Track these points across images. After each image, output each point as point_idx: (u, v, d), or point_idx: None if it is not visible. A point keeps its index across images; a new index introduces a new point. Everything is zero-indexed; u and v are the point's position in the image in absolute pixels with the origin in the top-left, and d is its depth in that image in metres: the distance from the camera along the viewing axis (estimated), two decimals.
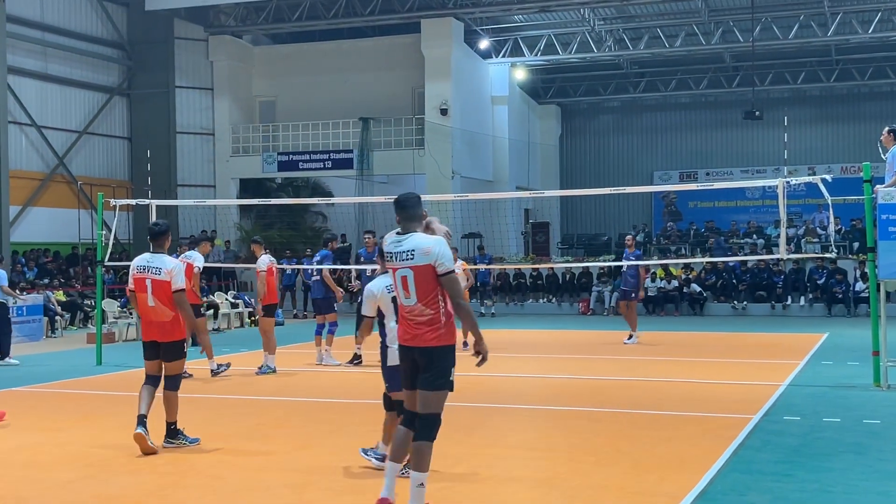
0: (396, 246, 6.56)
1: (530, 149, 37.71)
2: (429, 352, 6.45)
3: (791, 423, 10.12)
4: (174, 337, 9.16)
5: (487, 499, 7.20)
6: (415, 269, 6.45)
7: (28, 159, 28.62)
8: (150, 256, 9.26)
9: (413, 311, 6.50)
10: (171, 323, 9.12)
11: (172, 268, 9.12)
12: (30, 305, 21.45)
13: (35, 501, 7.28)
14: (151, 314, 9.16)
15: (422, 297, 6.46)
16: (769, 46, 32.98)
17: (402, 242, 6.55)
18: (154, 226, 9.46)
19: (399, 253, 6.53)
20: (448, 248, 6.44)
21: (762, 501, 7.02)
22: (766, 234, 31.60)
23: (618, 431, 9.62)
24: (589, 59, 35.15)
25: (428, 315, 6.46)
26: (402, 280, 6.53)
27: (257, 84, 34.86)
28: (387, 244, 6.64)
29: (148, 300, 9.12)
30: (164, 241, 9.37)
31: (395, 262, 6.56)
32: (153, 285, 9.09)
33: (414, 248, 6.48)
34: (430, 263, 6.42)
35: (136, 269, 9.28)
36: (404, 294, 6.54)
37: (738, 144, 38.97)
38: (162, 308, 9.09)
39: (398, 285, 6.58)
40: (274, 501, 7.23)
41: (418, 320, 6.48)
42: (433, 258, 6.41)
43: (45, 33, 29.25)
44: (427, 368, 6.45)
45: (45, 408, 11.81)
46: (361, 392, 12.90)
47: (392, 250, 6.57)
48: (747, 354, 17.45)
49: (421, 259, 6.43)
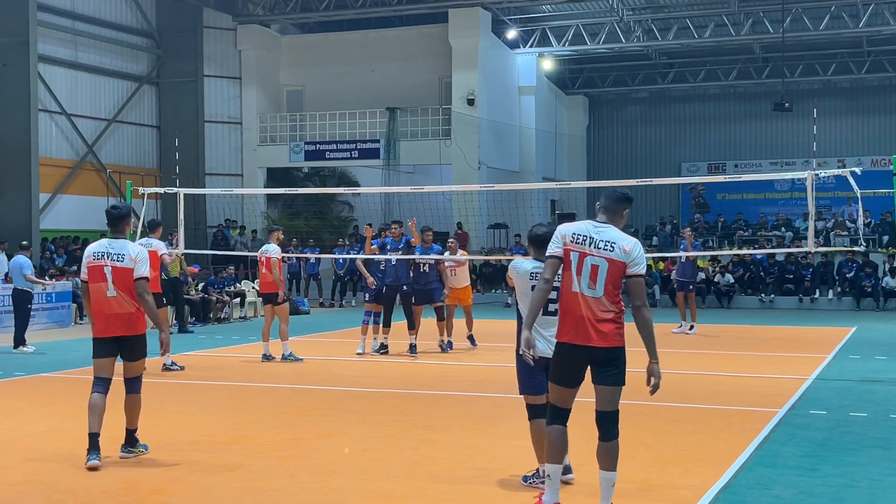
0: (595, 231, 6.29)
1: (557, 139, 37.58)
2: (615, 352, 6.22)
3: (817, 417, 10.06)
4: (139, 330, 8.20)
5: (509, 489, 7.20)
6: (611, 261, 6.21)
7: (58, 147, 28.85)
8: (108, 242, 8.26)
9: (595, 304, 6.20)
10: (136, 315, 8.16)
11: (136, 254, 8.16)
12: (59, 292, 21.65)
13: (61, 486, 7.36)
14: (113, 305, 8.10)
15: (608, 292, 6.21)
16: (799, 37, 32.65)
17: (601, 231, 6.30)
18: (113, 209, 8.39)
19: (598, 240, 6.25)
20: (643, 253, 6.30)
21: (787, 495, 6.99)
22: (794, 227, 31.41)
23: (641, 424, 9.59)
24: (617, 49, 34.95)
25: (612, 312, 6.22)
26: (591, 268, 6.23)
27: (285, 73, 34.94)
28: (574, 227, 6.35)
29: (107, 290, 8.10)
30: (123, 226, 8.38)
31: (587, 247, 6.24)
32: (114, 273, 8.09)
33: (614, 240, 6.25)
34: (625, 262, 6.22)
35: (91, 256, 8.23)
36: (588, 284, 6.23)
37: (766, 136, 38.65)
38: (124, 298, 8.11)
39: (582, 273, 6.25)
40: (298, 489, 7.27)
41: (601, 317, 6.19)
42: (630, 257, 6.22)
43: (76, 22, 29.44)
44: (613, 365, 6.21)
45: (73, 393, 11.91)
46: (387, 381, 12.95)
47: (588, 234, 6.28)
48: (774, 348, 17.35)
49: (619, 255, 6.21)
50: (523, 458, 7.66)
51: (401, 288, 15.57)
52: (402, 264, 15.63)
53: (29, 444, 8.84)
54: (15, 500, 6.97)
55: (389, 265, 15.63)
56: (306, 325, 21.31)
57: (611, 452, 6.21)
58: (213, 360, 15.07)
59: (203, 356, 15.71)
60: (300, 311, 25.06)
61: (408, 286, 15.74)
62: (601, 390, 6.23)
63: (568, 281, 6.30)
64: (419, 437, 9.13)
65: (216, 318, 22.64)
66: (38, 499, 7.01)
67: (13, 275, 17.15)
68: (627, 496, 6.86)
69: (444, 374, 13.82)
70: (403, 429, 9.55)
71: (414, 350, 15.61)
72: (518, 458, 7.57)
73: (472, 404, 11.24)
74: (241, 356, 15.56)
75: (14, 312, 17.07)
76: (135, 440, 8.29)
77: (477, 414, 10.46)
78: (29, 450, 8.61)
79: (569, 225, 6.42)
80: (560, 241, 6.35)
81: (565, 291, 6.32)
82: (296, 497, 7.04)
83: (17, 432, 9.43)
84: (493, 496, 7.05)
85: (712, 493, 6.99)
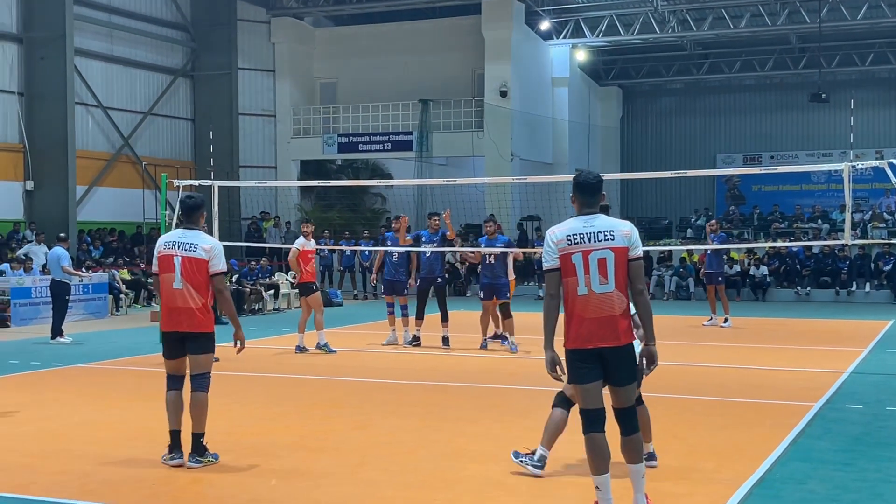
0: (586, 226, 5.99)
1: (590, 131, 37.41)
2: (628, 348, 6.01)
3: (853, 412, 9.96)
4: (204, 328, 7.73)
5: (541, 481, 7.19)
6: (615, 250, 5.93)
7: (94, 140, 29.12)
8: (182, 232, 7.83)
9: (606, 301, 5.92)
10: (201, 311, 7.71)
11: (212, 246, 7.72)
12: (95, 284, 21.87)
13: (97, 476, 7.43)
14: (177, 299, 7.68)
15: (619, 283, 5.93)
16: (837, 27, 32.22)
17: (592, 222, 6.01)
18: (188, 198, 7.90)
19: (595, 233, 5.96)
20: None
21: (822, 490, 6.93)
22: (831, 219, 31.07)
23: (675, 417, 9.54)
24: (651, 40, 34.70)
25: (623, 304, 5.95)
26: (598, 263, 5.93)
27: (318, 66, 35.04)
28: (564, 229, 6.04)
29: (173, 282, 7.68)
30: (198, 217, 8.00)
31: (587, 243, 5.94)
32: (183, 264, 7.66)
33: (611, 227, 5.97)
34: (627, 246, 5.96)
35: (162, 246, 7.82)
36: (600, 279, 5.93)
37: (803, 127, 38.26)
38: (190, 292, 7.68)
39: (590, 270, 5.93)
40: (330, 480, 7.29)
41: (613, 313, 5.92)
42: (630, 241, 5.97)
43: (112, 15, 29.67)
44: (627, 362, 6.02)
45: (109, 384, 12.04)
46: (419, 373, 12.97)
47: (581, 231, 5.98)
48: (809, 341, 17.20)
49: (621, 241, 5.95)
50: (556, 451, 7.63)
51: (435, 280, 15.58)
52: (437, 257, 15.61)
53: (65, 434, 8.95)
54: (51, 489, 7.05)
55: (424, 258, 15.65)
56: (339, 316, 21.40)
57: (635, 446, 6.13)
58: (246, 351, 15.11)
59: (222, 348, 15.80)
60: (333, 303, 25.17)
61: (442, 279, 15.76)
62: (618, 390, 6.09)
63: (573, 285, 5.99)
64: (451, 428, 9.14)
65: (250, 310, 22.79)
66: (73, 488, 7.08)
67: (51, 266, 17.34)
68: (661, 489, 6.82)
69: (475, 367, 13.82)
70: (435, 420, 9.57)
71: (447, 342, 15.59)
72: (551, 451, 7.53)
73: (504, 396, 11.24)
74: (275, 347, 15.64)
75: (52, 304, 17.29)
76: (202, 448, 7.66)
77: (508, 406, 10.45)
78: (65, 440, 8.71)
79: (556, 228, 6.10)
80: (554, 250, 6.03)
81: (570, 296, 6.01)
82: (328, 488, 7.07)
83: (53, 422, 9.54)
84: (524, 488, 7.04)
85: (746, 488, 6.94)
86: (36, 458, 7.99)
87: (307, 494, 6.94)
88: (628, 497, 6.21)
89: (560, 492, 6.96)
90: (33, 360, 14.22)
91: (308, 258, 15.20)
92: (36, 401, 10.71)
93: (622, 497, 6.26)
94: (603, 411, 6.07)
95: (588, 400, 6.05)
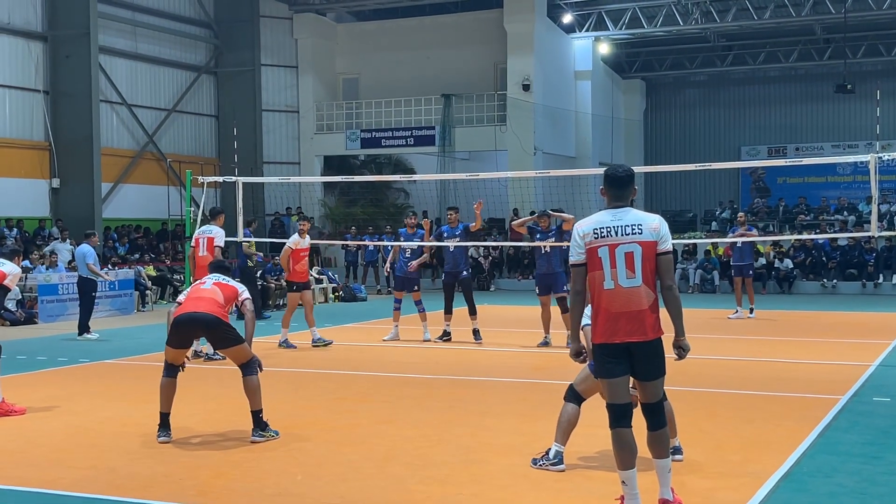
0: (614, 219, 5.96)
1: (614, 124, 37.28)
2: (656, 343, 5.98)
3: (880, 405, 9.89)
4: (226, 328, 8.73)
5: (566, 477, 7.18)
6: (643, 244, 5.89)
7: (119, 137, 29.29)
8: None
9: (635, 295, 5.88)
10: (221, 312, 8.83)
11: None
12: (121, 280, 22.02)
13: (124, 471, 7.49)
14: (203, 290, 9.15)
15: (646, 278, 5.90)
16: (862, 17, 31.90)
17: (621, 216, 5.97)
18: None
19: (623, 227, 5.92)
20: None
21: (850, 483, 6.88)
22: (857, 211, 30.81)
23: (700, 410, 9.51)
24: (675, 32, 34.49)
25: (651, 298, 5.90)
26: (625, 257, 5.89)
27: (340, 61, 35.10)
28: (591, 222, 6.01)
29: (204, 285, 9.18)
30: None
31: (615, 236, 5.91)
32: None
33: (640, 221, 5.93)
34: (656, 240, 5.92)
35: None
36: (627, 273, 5.89)
37: (828, 118, 37.96)
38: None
39: (616, 265, 5.90)
40: (356, 474, 7.31)
41: (641, 307, 5.88)
42: (659, 235, 5.93)
43: (135, 13, 29.84)
44: (655, 357, 6.00)
45: (136, 380, 12.11)
46: (444, 368, 12.98)
47: (608, 224, 5.94)
48: (836, 334, 17.08)
49: (649, 234, 5.91)
50: (579, 446, 7.63)
51: (459, 274, 15.60)
52: (461, 251, 15.62)
53: (93, 430, 9.01)
54: (79, 484, 7.11)
55: (447, 252, 15.68)
56: (363, 312, 21.44)
57: (662, 441, 6.10)
58: (270, 346, 15.22)
59: (259, 342, 15.87)
60: (357, 298, 25.20)
61: (467, 272, 15.77)
62: (645, 385, 6.06)
63: (599, 279, 5.96)
64: (476, 423, 9.14)
65: (274, 305, 22.87)
66: (101, 483, 7.13)
67: (78, 263, 17.48)
68: (687, 483, 6.80)
69: (500, 361, 13.81)
70: (460, 415, 9.57)
71: (478, 335, 15.55)
72: (574, 446, 7.53)
73: (529, 391, 11.23)
74: (298, 342, 15.69)
75: (79, 300, 17.41)
76: (263, 423, 8.42)
77: (533, 401, 10.43)
78: (93, 435, 8.78)
79: (583, 222, 6.08)
80: (581, 244, 6.02)
81: (597, 290, 5.98)
82: (354, 483, 7.09)
83: (81, 417, 9.61)
84: (550, 482, 7.03)
85: (773, 481, 6.90)
86: (64, 454, 8.06)
87: (333, 488, 6.95)
88: (654, 491, 6.19)
89: (585, 485, 6.95)
90: (61, 357, 14.34)
91: (300, 257, 15.32)
92: (63, 396, 10.79)
93: (648, 491, 6.24)
94: (630, 406, 6.06)
95: (615, 395, 6.02)
